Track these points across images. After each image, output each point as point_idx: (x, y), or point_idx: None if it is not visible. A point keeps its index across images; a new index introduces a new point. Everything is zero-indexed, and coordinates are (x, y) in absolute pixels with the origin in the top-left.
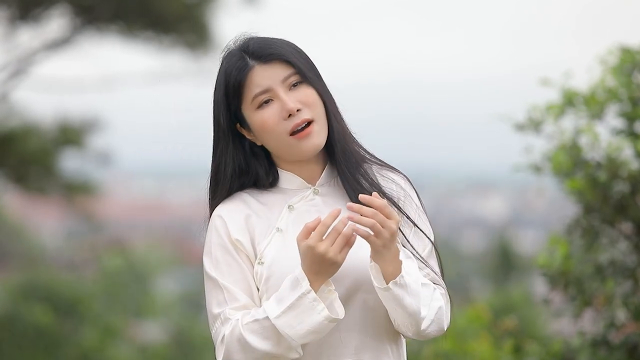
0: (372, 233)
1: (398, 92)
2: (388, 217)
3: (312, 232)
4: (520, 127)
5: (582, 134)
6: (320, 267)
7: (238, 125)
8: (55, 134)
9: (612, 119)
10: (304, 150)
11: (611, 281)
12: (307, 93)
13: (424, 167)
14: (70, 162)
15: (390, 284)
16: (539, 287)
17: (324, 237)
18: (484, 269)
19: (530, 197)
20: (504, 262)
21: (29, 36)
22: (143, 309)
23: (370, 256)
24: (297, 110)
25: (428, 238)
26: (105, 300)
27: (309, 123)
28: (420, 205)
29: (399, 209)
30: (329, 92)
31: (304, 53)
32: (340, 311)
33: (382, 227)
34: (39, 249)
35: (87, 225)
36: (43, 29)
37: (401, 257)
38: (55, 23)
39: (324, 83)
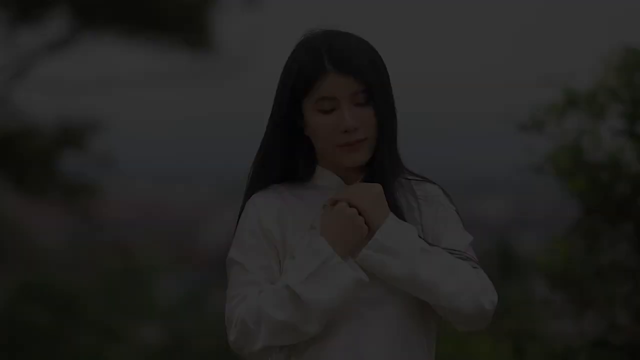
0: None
1: (397, 91)
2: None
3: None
4: (523, 127)
5: (584, 134)
6: (345, 229)
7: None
8: (56, 135)
9: (614, 120)
10: (345, 162)
11: (612, 282)
12: (370, 114)
13: (423, 167)
14: (71, 164)
15: (363, 250)
16: (540, 288)
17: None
18: (485, 270)
19: (531, 198)
20: (505, 263)
21: (29, 37)
22: (143, 310)
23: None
24: (354, 129)
25: (458, 245)
26: (105, 302)
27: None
28: (454, 215)
29: (410, 219)
30: (391, 111)
31: (382, 66)
32: (363, 275)
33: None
34: (39, 250)
35: (88, 226)
36: (43, 30)
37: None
38: (55, 24)
39: (390, 101)
